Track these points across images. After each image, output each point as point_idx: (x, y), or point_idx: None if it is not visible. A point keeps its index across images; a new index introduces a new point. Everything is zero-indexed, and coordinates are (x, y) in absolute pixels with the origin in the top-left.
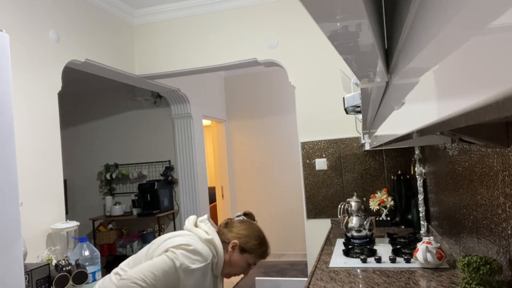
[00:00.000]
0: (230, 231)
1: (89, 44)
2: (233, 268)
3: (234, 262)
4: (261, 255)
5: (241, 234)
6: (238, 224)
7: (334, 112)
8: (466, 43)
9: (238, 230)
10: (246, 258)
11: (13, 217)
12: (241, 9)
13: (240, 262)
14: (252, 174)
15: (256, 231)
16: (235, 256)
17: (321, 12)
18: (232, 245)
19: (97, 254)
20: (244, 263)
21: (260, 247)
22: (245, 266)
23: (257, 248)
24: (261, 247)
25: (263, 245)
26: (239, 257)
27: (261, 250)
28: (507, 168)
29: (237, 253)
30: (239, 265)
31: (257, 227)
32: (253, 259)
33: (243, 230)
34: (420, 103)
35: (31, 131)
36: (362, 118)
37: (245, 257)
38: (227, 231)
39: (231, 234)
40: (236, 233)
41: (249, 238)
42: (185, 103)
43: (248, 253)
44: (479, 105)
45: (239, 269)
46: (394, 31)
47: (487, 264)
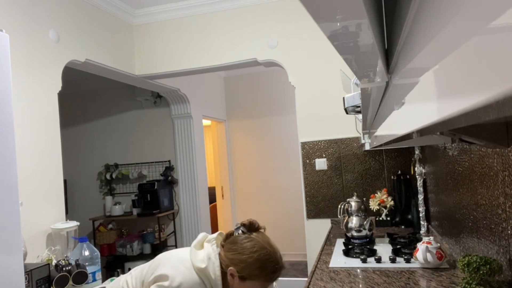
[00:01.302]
0: (225, 254)
1: (89, 44)
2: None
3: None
4: (267, 279)
5: (235, 259)
6: (231, 244)
7: (334, 112)
8: (466, 43)
9: (231, 254)
10: (250, 285)
11: (13, 217)
12: (241, 9)
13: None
14: (252, 174)
15: (254, 251)
16: (237, 285)
17: (321, 12)
18: (230, 273)
19: (97, 254)
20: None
21: (263, 271)
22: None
23: (259, 273)
24: (264, 270)
25: (266, 267)
26: (241, 284)
27: (265, 274)
28: (507, 168)
29: (238, 281)
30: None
31: (256, 245)
32: (260, 284)
33: (236, 253)
34: (420, 103)
35: (31, 131)
36: (362, 118)
37: (249, 284)
38: (224, 255)
39: (227, 260)
40: (230, 258)
41: (244, 264)
42: (185, 103)
43: (250, 280)
44: (479, 105)
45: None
46: (394, 31)
47: (487, 264)
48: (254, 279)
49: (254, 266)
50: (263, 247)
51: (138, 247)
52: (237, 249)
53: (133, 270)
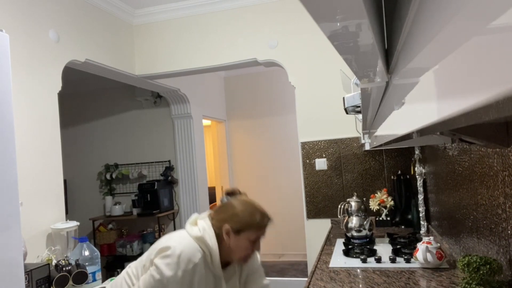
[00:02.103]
0: (218, 219)
1: (89, 44)
2: (239, 251)
3: (237, 247)
4: (258, 228)
5: (226, 217)
6: (220, 208)
7: (334, 112)
8: (466, 43)
9: (223, 215)
10: (245, 237)
11: (13, 217)
12: (241, 9)
13: (242, 243)
14: (252, 174)
15: (242, 205)
16: (233, 240)
17: (321, 12)
18: (225, 232)
19: (97, 254)
20: (246, 243)
21: (253, 220)
22: (249, 245)
23: (250, 222)
24: (254, 219)
25: (255, 216)
26: (238, 239)
27: (256, 223)
28: (507, 168)
29: (233, 237)
30: (243, 247)
31: (242, 201)
32: (253, 235)
33: (226, 212)
34: (420, 103)
35: (31, 131)
36: (362, 118)
37: (244, 236)
38: (215, 221)
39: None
40: (222, 219)
41: (236, 217)
42: (185, 103)
43: (244, 232)
44: (479, 105)
45: (245, 250)
46: (394, 31)
47: (487, 264)
48: (247, 229)
49: (244, 215)
50: (248, 201)
51: (138, 247)
52: (227, 209)
53: (132, 263)
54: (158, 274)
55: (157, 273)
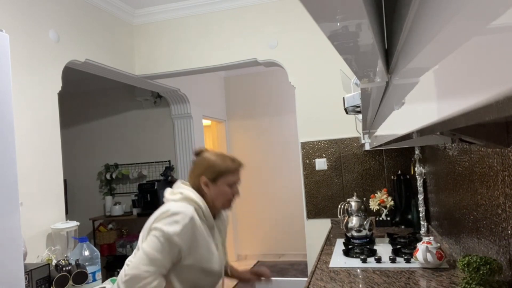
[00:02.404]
0: (194, 175)
1: (89, 44)
2: (221, 198)
3: (217, 194)
4: (232, 170)
5: (200, 171)
6: (195, 164)
7: (334, 112)
8: (466, 43)
9: (198, 169)
10: (223, 182)
11: (13, 217)
12: (241, 9)
13: (221, 189)
14: (252, 174)
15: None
16: (213, 189)
17: (321, 12)
18: (204, 183)
19: (97, 254)
20: (225, 188)
21: (225, 165)
22: (228, 189)
23: (223, 168)
24: (225, 164)
25: (226, 162)
26: (217, 187)
27: (226, 166)
28: (507, 168)
29: (212, 186)
30: (223, 192)
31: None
32: (229, 179)
33: (199, 165)
34: (420, 103)
35: (31, 131)
36: (362, 118)
37: (221, 182)
38: (192, 178)
39: (196, 178)
40: (198, 174)
41: (210, 167)
42: (185, 103)
43: (220, 177)
44: (479, 105)
45: (227, 195)
46: (394, 31)
47: (487, 264)
48: (222, 175)
49: (217, 163)
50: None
51: None
52: (199, 164)
53: None
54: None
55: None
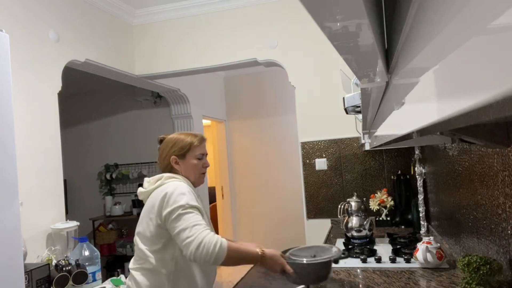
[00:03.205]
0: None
1: (89, 44)
2: (192, 172)
3: (188, 169)
4: (197, 143)
5: (167, 150)
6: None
7: (334, 112)
8: (466, 43)
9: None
10: (190, 156)
11: (13, 217)
12: (241, 9)
13: (191, 163)
14: (252, 174)
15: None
16: (183, 165)
17: (321, 12)
18: (174, 161)
19: (97, 254)
20: (193, 161)
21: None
22: (197, 162)
23: (187, 142)
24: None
25: (187, 136)
26: (185, 162)
27: (190, 140)
28: (507, 168)
29: (182, 162)
30: (194, 166)
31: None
32: (195, 151)
33: (166, 147)
34: (420, 103)
35: (31, 131)
36: (362, 118)
37: (189, 157)
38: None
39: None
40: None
41: (174, 144)
42: (185, 103)
43: (186, 152)
44: (479, 105)
45: (197, 168)
46: (394, 31)
47: (487, 264)
48: (188, 149)
49: (180, 140)
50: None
51: None
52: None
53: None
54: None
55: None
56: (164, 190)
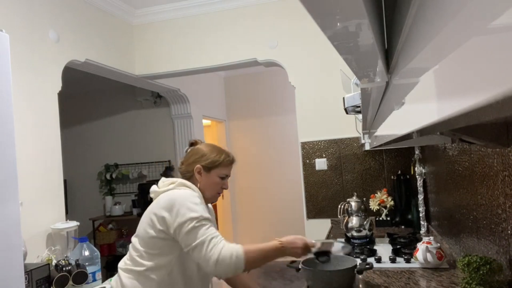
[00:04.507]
0: (187, 164)
1: (89, 44)
2: (211, 189)
3: (208, 184)
4: (226, 163)
5: (195, 158)
6: (189, 153)
7: (334, 112)
8: (466, 43)
9: (193, 158)
10: (215, 173)
11: (13, 217)
12: (241, 9)
13: (212, 179)
14: (252, 174)
15: (207, 146)
16: (205, 178)
17: (321, 12)
18: (197, 171)
19: (97, 254)
20: (216, 179)
21: (220, 156)
22: (219, 181)
23: (218, 158)
24: (221, 155)
25: (221, 153)
26: (209, 177)
27: (222, 158)
28: (507, 168)
29: (205, 175)
30: (213, 183)
31: (207, 144)
32: (222, 171)
33: (195, 154)
34: (420, 103)
35: (31, 131)
36: (362, 118)
37: (214, 173)
38: (185, 167)
39: (190, 166)
40: (193, 161)
41: (206, 156)
42: (185, 103)
43: (214, 168)
44: (479, 105)
45: (216, 186)
46: (394, 31)
47: (487, 264)
48: (216, 166)
49: (213, 154)
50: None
51: None
52: (195, 153)
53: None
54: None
55: (192, 222)
56: (172, 197)
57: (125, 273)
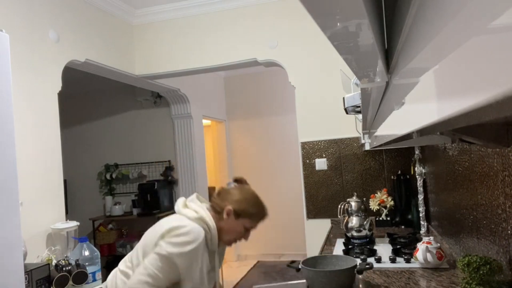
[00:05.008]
0: (222, 199)
1: (89, 44)
2: (232, 234)
3: (231, 229)
4: (257, 218)
5: (233, 199)
6: (230, 190)
7: (334, 112)
8: (466, 43)
9: (230, 197)
10: (243, 222)
11: (13, 217)
12: (241, 9)
13: (237, 227)
14: (252, 174)
15: (249, 194)
16: (231, 222)
17: (321, 12)
18: (227, 212)
19: (97, 254)
20: (241, 228)
21: (255, 209)
22: (243, 231)
23: (252, 210)
24: (256, 208)
25: (258, 206)
26: (235, 222)
27: (257, 212)
28: (507, 168)
29: (232, 219)
30: (236, 231)
31: (250, 190)
32: (250, 223)
33: (235, 195)
34: (420, 103)
35: (31, 131)
36: (362, 118)
37: (242, 221)
38: (220, 200)
39: (224, 202)
40: (229, 200)
41: (242, 202)
42: (185, 103)
43: (243, 217)
44: (479, 105)
45: (238, 235)
46: (394, 31)
47: (487, 264)
48: (247, 216)
49: (251, 204)
50: (255, 193)
51: None
52: (233, 192)
53: (123, 261)
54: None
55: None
56: (181, 224)
57: (125, 278)
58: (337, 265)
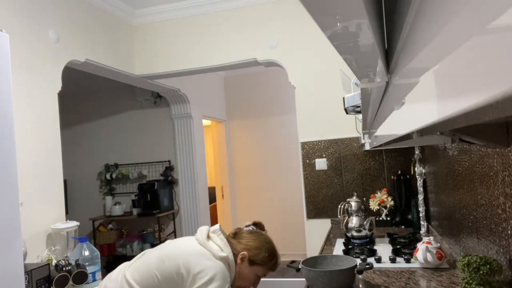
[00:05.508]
0: (239, 242)
1: (89, 44)
2: (242, 280)
3: (243, 275)
4: (270, 267)
5: (250, 245)
6: (247, 235)
7: (334, 112)
8: (466, 43)
9: (247, 242)
10: (256, 270)
11: (13, 217)
12: (241, 9)
13: (249, 274)
14: (252, 174)
15: (266, 242)
16: (244, 269)
17: (321, 12)
18: (241, 257)
19: (97, 254)
20: (253, 275)
21: (270, 260)
22: (254, 278)
23: (267, 260)
24: (271, 259)
25: (273, 257)
26: (248, 269)
27: (271, 263)
28: (507, 168)
29: (246, 266)
30: (248, 278)
31: (267, 238)
32: (263, 271)
33: (252, 241)
34: (420, 103)
35: (31, 131)
36: (362, 118)
37: (255, 269)
38: (236, 242)
39: (240, 246)
40: (245, 245)
41: (259, 250)
42: (185, 103)
43: (257, 265)
44: (479, 105)
45: (249, 282)
46: (394, 31)
47: (487, 264)
48: (261, 264)
49: (266, 253)
50: (272, 241)
51: (138, 247)
52: (253, 238)
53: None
54: None
55: None
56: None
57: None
58: (337, 265)
